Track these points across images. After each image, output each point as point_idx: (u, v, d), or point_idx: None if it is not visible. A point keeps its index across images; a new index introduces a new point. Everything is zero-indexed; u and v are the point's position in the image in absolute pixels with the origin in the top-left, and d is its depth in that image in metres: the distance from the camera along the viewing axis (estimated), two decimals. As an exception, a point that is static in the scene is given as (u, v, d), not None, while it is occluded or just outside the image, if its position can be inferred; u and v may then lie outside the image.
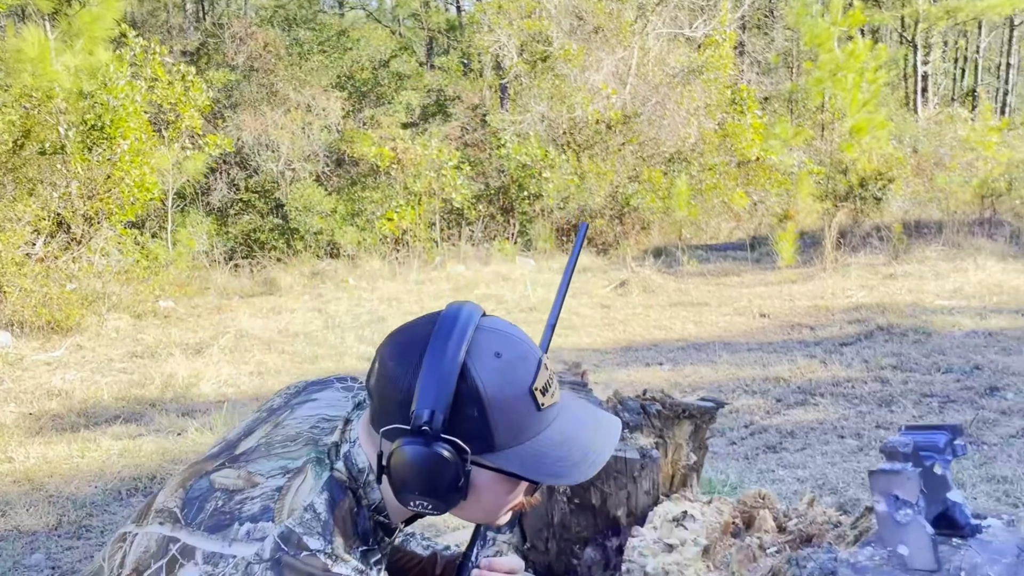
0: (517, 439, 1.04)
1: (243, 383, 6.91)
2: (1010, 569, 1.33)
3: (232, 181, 15.54)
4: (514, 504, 1.16)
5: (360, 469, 1.10)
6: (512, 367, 1.04)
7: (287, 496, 1.04)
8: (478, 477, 1.06)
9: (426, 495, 1.04)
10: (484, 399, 1.01)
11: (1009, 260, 10.78)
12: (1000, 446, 4.47)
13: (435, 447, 1.00)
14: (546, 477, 1.07)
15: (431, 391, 0.99)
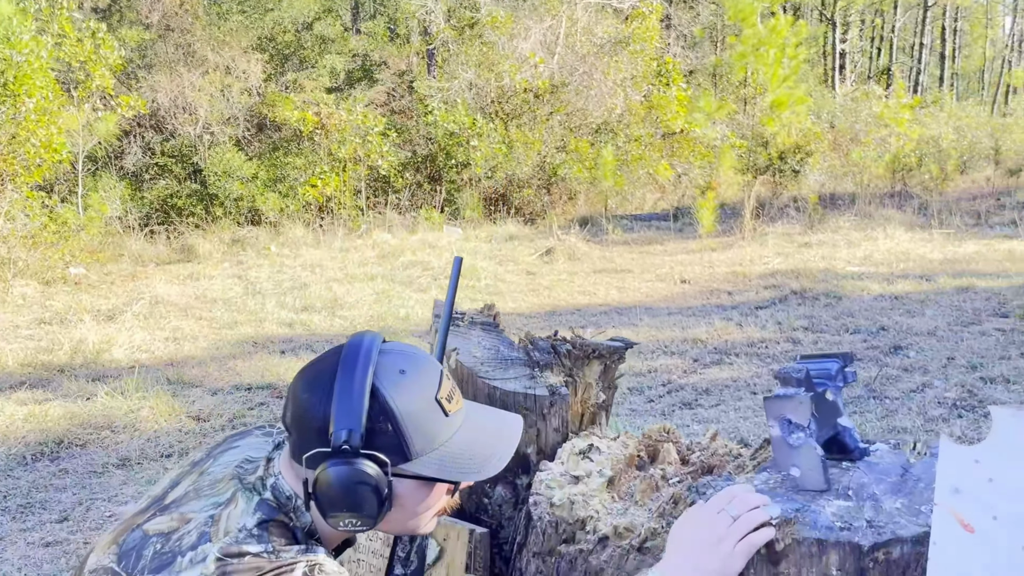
0: (431, 445, 1.13)
1: (157, 349, 6.72)
2: (894, 487, 1.40)
3: (147, 145, 14.96)
4: (437, 509, 1.24)
5: (288, 496, 1.14)
6: (417, 381, 1.14)
7: (221, 522, 1.08)
8: (400, 487, 1.13)
9: (354, 511, 1.09)
10: (396, 413, 1.10)
11: (916, 230, 11.26)
12: (901, 400, 4.69)
13: (357, 464, 1.07)
14: (462, 475, 1.16)
15: (345, 412, 1.07)
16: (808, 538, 1.27)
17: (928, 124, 18.40)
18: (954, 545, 1.05)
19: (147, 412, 4.97)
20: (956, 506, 1.05)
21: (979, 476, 1.03)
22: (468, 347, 1.90)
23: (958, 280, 7.86)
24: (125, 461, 4.34)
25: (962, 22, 37.19)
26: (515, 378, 1.83)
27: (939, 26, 34.98)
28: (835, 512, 1.32)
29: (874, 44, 35.49)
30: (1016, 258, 8.91)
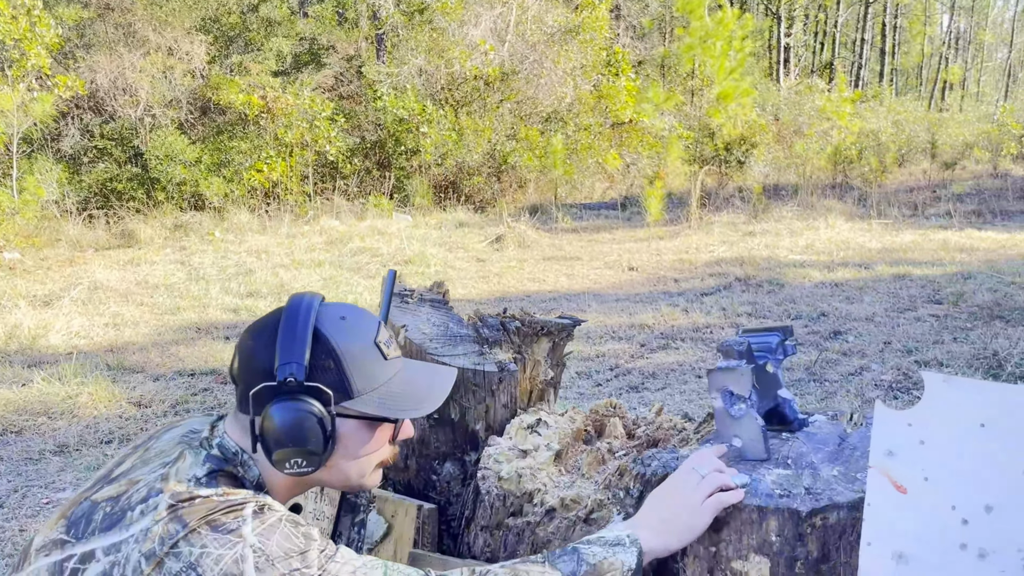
0: (371, 385, 1.18)
1: (96, 335, 6.55)
2: (832, 456, 1.44)
3: (86, 127, 14.49)
4: (380, 457, 1.26)
5: (234, 452, 1.17)
6: (357, 326, 1.20)
7: (170, 476, 1.09)
8: (343, 427, 1.17)
9: (298, 448, 1.12)
10: (337, 352, 1.15)
11: (856, 220, 11.56)
12: (840, 382, 4.82)
13: (301, 399, 1.11)
14: (402, 412, 1.21)
15: (289, 351, 1.12)
16: (749, 505, 1.30)
17: (868, 118, 18.88)
18: (887, 505, 1.09)
19: (86, 398, 4.85)
20: (889, 468, 1.09)
21: (911, 439, 1.07)
22: (417, 323, 1.89)
23: (895, 268, 8.10)
24: (63, 448, 4.23)
25: (902, 19, 38.16)
26: (464, 355, 1.83)
27: (880, 22, 35.84)
28: (775, 480, 1.35)
29: (817, 39, 36.22)
30: (950, 248, 9.21)
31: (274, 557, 1.02)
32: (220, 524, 1.03)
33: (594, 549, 1.22)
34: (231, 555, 1.01)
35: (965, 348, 5.40)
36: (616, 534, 1.26)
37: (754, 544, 1.31)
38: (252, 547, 1.02)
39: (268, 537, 1.04)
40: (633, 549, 1.24)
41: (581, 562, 1.19)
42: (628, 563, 1.22)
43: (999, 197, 13.53)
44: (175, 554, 1.00)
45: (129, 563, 1.01)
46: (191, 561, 1.00)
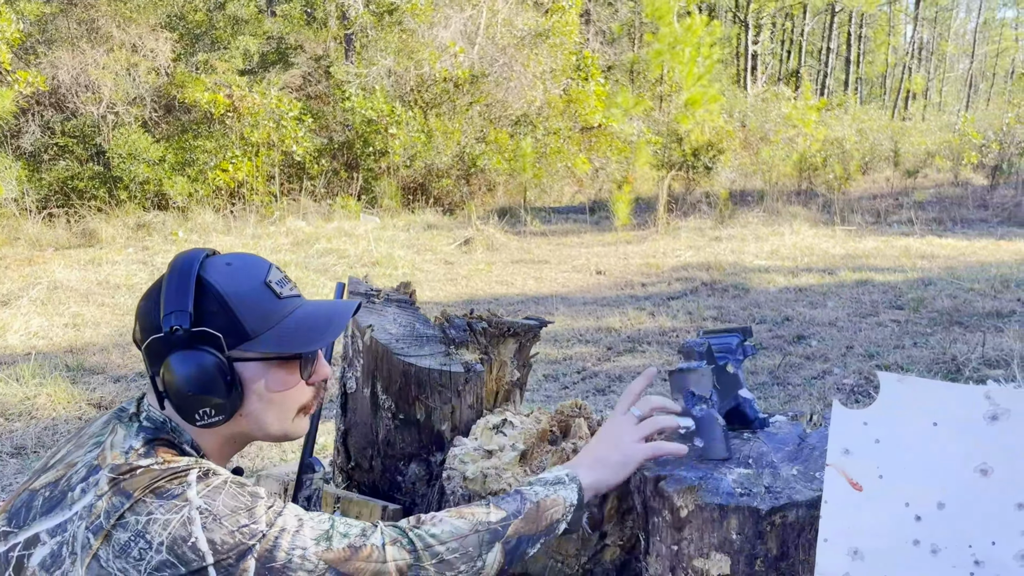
0: (266, 324, 1.16)
1: (56, 335, 6.43)
2: (791, 455, 1.46)
3: (47, 124, 14.22)
4: (298, 401, 1.24)
5: (161, 421, 1.16)
6: (243, 269, 1.19)
7: (106, 452, 1.09)
8: (246, 371, 1.15)
9: (202, 396, 1.11)
10: (222, 294, 1.13)
11: (820, 226, 11.73)
12: (803, 386, 4.89)
13: (193, 346, 1.10)
14: (300, 347, 1.18)
15: (172, 300, 1.11)
16: (710, 504, 1.32)
17: (833, 126, 19.17)
18: (844, 503, 1.11)
19: (44, 399, 4.76)
20: (846, 466, 1.11)
21: (867, 437, 1.09)
22: (383, 324, 1.89)
23: (858, 274, 8.23)
24: (20, 450, 4.15)
25: (867, 29, 38.85)
26: (430, 355, 1.83)
27: (845, 32, 36.45)
28: (736, 479, 1.37)
29: (784, 47, 36.73)
30: (911, 254, 9.39)
31: (221, 515, 1.02)
32: (165, 491, 1.03)
33: (536, 489, 1.25)
34: (178, 518, 1.01)
35: (925, 352, 5.50)
36: (556, 474, 1.29)
37: (715, 542, 1.32)
38: (198, 508, 1.02)
39: (214, 498, 1.04)
40: (573, 486, 1.27)
41: (524, 500, 1.22)
42: (570, 499, 1.25)
43: (959, 205, 13.82)
44: (122, 525, 1.00)
45: (77, 540, 1.00)
46: (138, 529, 1.00)
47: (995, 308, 6.58)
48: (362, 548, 1.07)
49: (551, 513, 1.22)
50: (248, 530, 1.02)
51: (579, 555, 1.59)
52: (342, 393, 1.99)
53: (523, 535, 1.18)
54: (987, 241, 10.52)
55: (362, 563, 1.06)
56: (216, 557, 1.00)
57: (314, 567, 1.03)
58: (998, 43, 46.41)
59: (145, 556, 0.99)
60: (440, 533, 1.12)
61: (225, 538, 1.01)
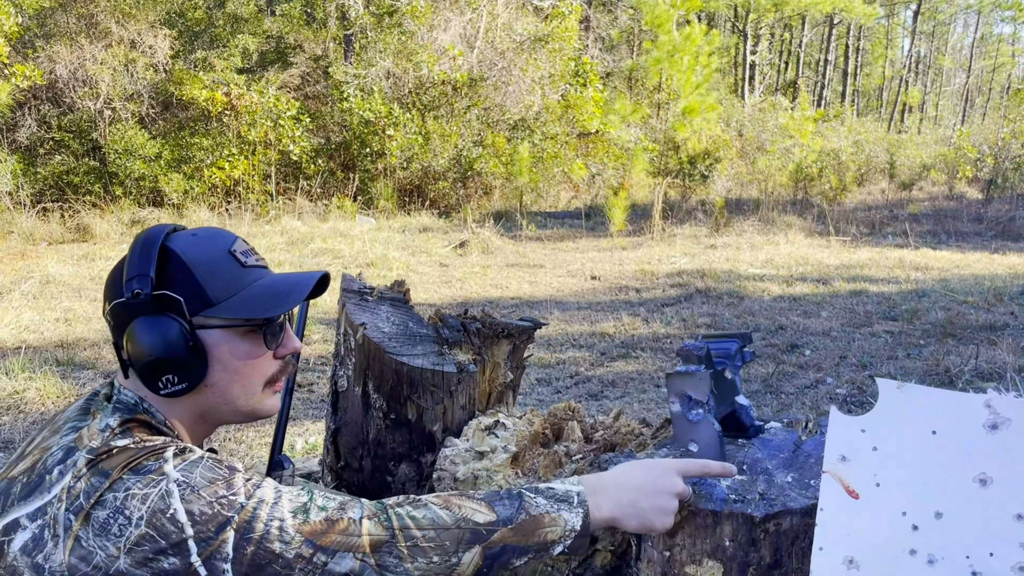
0: (230, 290, 1.15)
1: (47, 329, 6.39)
2: (786, 462, 1.45)
3: (43, 118, 14.16)
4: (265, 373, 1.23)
5: (134, 402, 1.16)
6: (209, 239, 1.19)
7: (83, 434, 1.09)
8: (210, 338, 1.15)
9: (164, 361, 1.10)
10: (186, 261, 1.13)
11: (815, 236, 11.75)
12: (796, 395, 4.88)
13: (155, 310, 1.11)
14: (262, 311, 1.16)
15: (135, 266, 1.12)
16: (704, 510, 1.30)
17: (829, 137, 19.23)
18: (840, 510, 1.10)
19: (33, 394, 4.72)
20: (843, 473, 1.09)
21: (864, 445, 1.08)
22: (376, 322, 1.87)
23: (852, 285, 8.23)
24: (7, 444, 4.11)
25: (864, 41, 38.99)
26: (423, 354, 1.81)
27: (843, 44, 36.58)
28: (730, 485, 1.36)
29: (782, 58, 36.83)
30: (906, 266, 9.39)
31: (199, 487, 1.02)
32: (142, 467, 1.02)
33: (539, 500, 1.16)
34: (156, 492, 1.00)
35: (918, 364, 5.50)
36: (567, 488, 1.19)
37: (708, 548, 1.31)
38: (176, 481, 1.02)
39: (191, 471, 1.04)
40: (580, 510, 1.16)
41: (521, 510, 1.13)
42: (572, 523, 1.15)
43: (954, 218, 13.86)
44: (100, 503, 0.99)
45: (58, 522, 1.00)
46: (117, 506, 0.99)
47: (988, 321, 6.58)
48: (339, 521, 1.06)
49: (547, 532, 1.13)
50: (227, 501, 1.02)
51: (569, 560, 1.58)
52: (333, 392, 1.97)
53: (509, 544, 1.11)
54: (981, 254, 10.54)
55: (337, 536, 1.05)
56: (195, 528, 1.00)
57: (291, 538, 1.03)
58: (995, 58, 46.63)
59: (125, 532, 0.98)
60: (420, 517, 1.09)
61: (204, 509, 1.01)
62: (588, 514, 1.16)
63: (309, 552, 1.03)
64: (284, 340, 1.26)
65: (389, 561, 1.06)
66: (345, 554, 1.04)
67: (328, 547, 1.04)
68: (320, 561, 1.03)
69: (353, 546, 1.05)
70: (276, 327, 1.23)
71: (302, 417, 4.61)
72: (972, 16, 43.55)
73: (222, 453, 3.91)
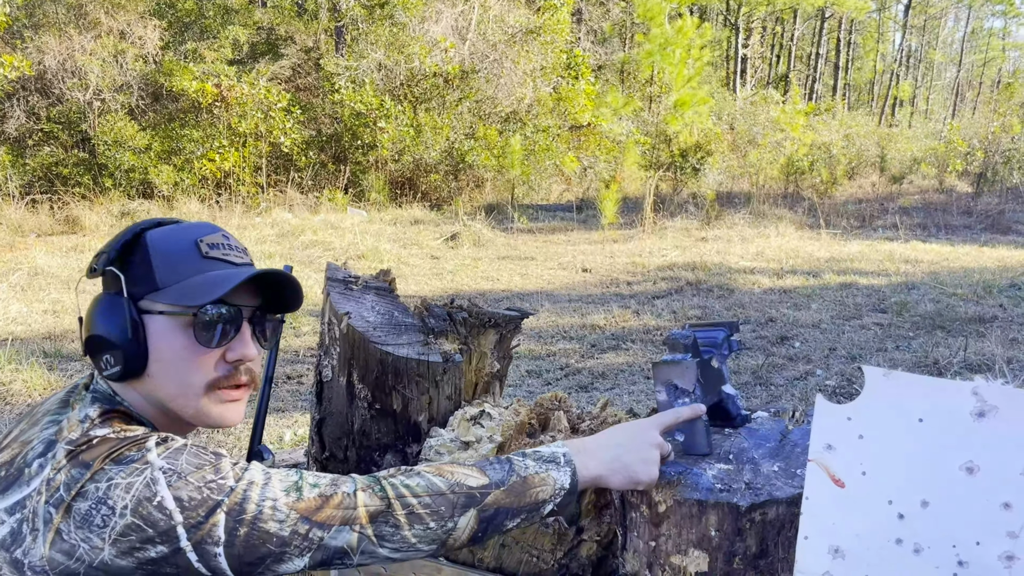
0: (175, 277, 1.13)
1: (35, 321, 6.34)
2: (773, 451, 1.44)
3: (32, 109, 14.06)
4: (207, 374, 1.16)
5: (111, 395, 1.14)
6: (185, 228, 1.18)
7: (64, 425, 1.06)
8: (152, 324, 1.12)
9: (103, 340, 1.10)
10: (148, 246, 1.14)
11: (806, 229, 11.77)
12: (786, 386, 4.89)
13: (106, 286, 1.15)
14: (196, 299, 1.12)
15: (105, 248, 1.15)
16: (689, 499, 1.29)
17: (820, 131, 19.24)
18: (825, 499, 1.09)
19: (20, 386, 4.69)
20: (828, 462, 1.08)
21: (851, 433, 1.07)
22: (361, 311, 1.85)
23: (842, 277, 8.25)
24: (-8, 437, 4.08)
25: (856, 35, 39.04)
26: (408, 344, 1.79)
27: (835, 38, 36.61)
28: (716, 475, 1.35)
29: (774, 51, 36.84)
30: (895, 259, 9.42)
31: (186, 473, 1.00)
32: (124, 457, 1.00)
33: (527, 462, 1.18)
34: (141, 480, 0.98)
35: (907, 356, 5.51)
36: (552, 450, 1.22)
37: (694, 538, 1.30)
38: (161, 468, 0.99)
39: (176, 458, 1.01)
40: (567, 469, 1.19)
41: (512, 472, 1.16)
42: (561, 481, 1.18)
43: (944, 212, 13.90)
44: (82, 495, 0.97)
45: (37, 516, 0.97)
46: (99, 496, 0.97)
47: (977, 313, 6.60)
48: (333, 496, 1.04)
49: (537, 491, 1.16)
50: (216, 485, 1.00)
51: (555, 550, 1.56)
52: (317, 382, 1.95)
53: (502, 507, 1.13)
54: (971, 247, 10.58)
55: (333, 510, 1.03)
56: (184, 515, 0.97)
57: (285, 516, 1.01)
58: (985, 52, 46.81)
59: (109, 522, 0.96)
60: (415, 485, 1.09)
61: (192, 494, 0.98)
62: (576, 472, 1.19)
63: (305, 528, 1.02)
64: (234, 344, 1.18)
65: (386, 531, 1.05)
66: (342, 527, 1.03)
67: (324, 522, 1.03)
68: (317, 536, 1.02)
69: (350, 519, 1.04)
70: (211, 323, 1.14)
71: (291, 409, 4.59)
72: (963, 10, 43.67)
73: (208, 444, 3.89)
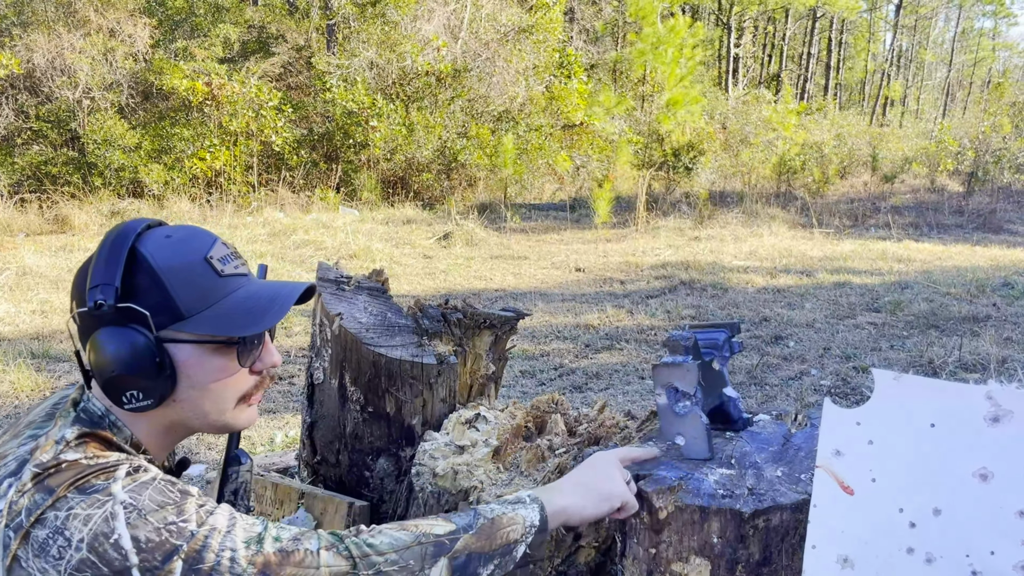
0: (203, 303, 1.07)
1: (23, 322, 6.27)
2: (775, 455, 1.41)
3: (20, 107, 13.93)
4: (239, 389, 1.14)
5: (100, 415, 1.08)
6: (184, 242, 1.08)
7: (40, 442, 1.02)
8: (179, 353, 1.06)
9: (130, 377, 1.03)
10: (156, 269, 1.04)
11: (798, 228, 11.77)
12: (780, 386, 4.86)
13: (119, 322, 1.02)
14: (236, 330, 1.07)
15: (101, 272, 1.03)
16: (691, 505, 1.26)
17: (812, 130, 19.26)
18: (834, 507, 1.05)
19: (7, 387, 4.62)
20: (837, 468, 1.05)
21: (860, 438, 1.03)
22: (353, 312, 1.81)
23: (835, 276, 8.24)
24: (-21, 439, 4.02)
25: (847, 35, 39.12)
26: (402, 345, 1.76)
27: (826, 38, 36.67)
28: (718, 480, 1.31)
29: (766, 51, 36.88)
30: (888, 258, 9.42)
31: (147, 511, 0.95)
32: (89, 486, 0.95)
33: (492, 506, 1.17)
34: (100, 514, 0.94)
35: (902, 355, 5.50)
36: (517, 495, 1.21)
37: (695, 546, 1.26)
38: (123, 503, 0.95)
39: (140, 493, 0.97)
40: (535, 506, 1.18)
41: (478, 515, 1.14)
42: (530, 519, 1.16)
43: (936, 211, 13.92)
44: (41, 522, 0.93)
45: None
46: (57, 526, 0.93)
47: (971, 312, 6.60)
48: (294, 552, 0.99)
49: (507, 532, 1.12)
50: (176, 528, 0.95)
51: (552, 557, 1.53)
52: (309, 385, 1.91)
53: (474, 552, 1.09)
54: (963, 246, 10.59)
55: (294, 568, 0.98)
56: (140, 556, 0.93)
57: (243, 571, 0.96)
58: (975, 52, 46.96)
59: (64, 554, 0.92)
60: (379, 544, 1.05)
61: (151, 536, 0.94)
62: (543, 507, 1.18)
63: None
64: (261, 354, 1.17)
65: None
66: None
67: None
68: None
69: None
70: (251, 343, 1.14)
71: (282, 410, 4.54)
72: (954, 11, 43.82)
73: (192, 446, 3.84)
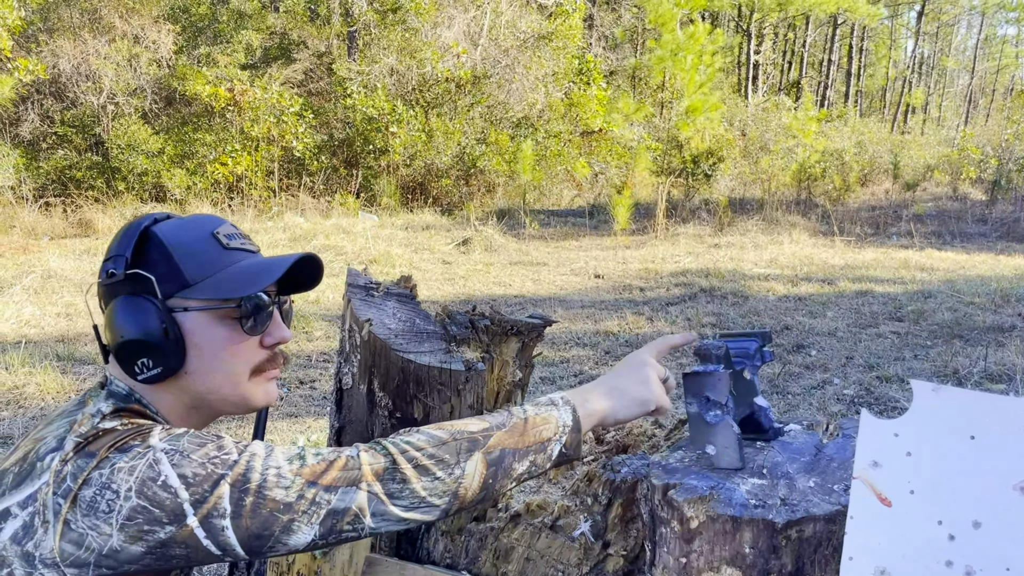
0: (206, 271, 1.12)
1: (48, 324, 6.34)
2: (808, 466, 1.40)
3: (46, 112, 14.14)
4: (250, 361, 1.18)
5: (126, 394, 1.13)
6: (194, 222, 1.16)
7: (77, 419, 1.05)
8: (188, 321, 1.11)
9: (139, 343, 1.07)
10: (165, 242, 1.11)
11: (819, 236, 11.69)
12: (803, 395, 4.83)
13: (129, 290, 1.09)
14: (235, 291, 1.13)
15: (116, 249, 1.11)
16: (722, 515, 1.25)
17: (833, 137, 19.16)
18: (871, 518, 1.05)
19: (33, 389, 4.68)
20: (874, 479, 1.04)
21: (898, 450, 1.03)
22: (382, 318, 1.82)
23: (857, 285, 8.18)
24: (6, 439, 4.07)
25: (868, 42, 38.91)
26: (430, 351, 1.76)
27: (847, 44, 36.50)
28: (749, 490, 1.31)
29: (786, 58, 36.74)
30: (911, 266, 9.34)
31: (188, 451, 0.99)
32: (128, 446, 0.99)
33: (526, 407, 1.20)
34: (143, 463, 0.97)
35: (926, 365, 5.45)
36: (549, 396, 1.24)
37: (727, 555, 1.26)
38: (163, 450, 0.98)
39: (178, 440, 1.01)
40: (567, 408, 1.21)
41: (511, 415, 1.17)
42: (563, 419, 1.19)
43: (958, 219, 13.80)
44: (87, 482, 0.96)
45: (48, 508, 0.96)
46: (103, 482, 0.96)
47: (996, 322, 6.53)
48: (336, 459, 1.04)
49: (540, 430, 1.17)
50: (219, 459, 0.99)
51: (581, 564, 1.53)
52: (337, 389, 1.92)
53: (507, 448, 1.13)
54: (986, 255, 10.48)
55: (338, 472, 1.02)
56: (190, 491, 0.96)
57: (290, 482, 1.00)
58: (998, 60, 46.54)
59: (115, 506, 0.95)
60: (416, 440, 1.09)
61: (196, 471, 0.97)
62: (575, 408, 1.21)
63: (312, 493, 1.01)
64: (271, 329, 1.21)
65: (394, 488, 1.04)
66: (349, 488, 1.02)
67: (331, 485, 1.02)
68: (324, 500, 1.01)
69: (356, 479, 1.03)
70: (255, 312, 1.17)
71: (304, 414, 4.57)
72: (976, 17, 43.47)
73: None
